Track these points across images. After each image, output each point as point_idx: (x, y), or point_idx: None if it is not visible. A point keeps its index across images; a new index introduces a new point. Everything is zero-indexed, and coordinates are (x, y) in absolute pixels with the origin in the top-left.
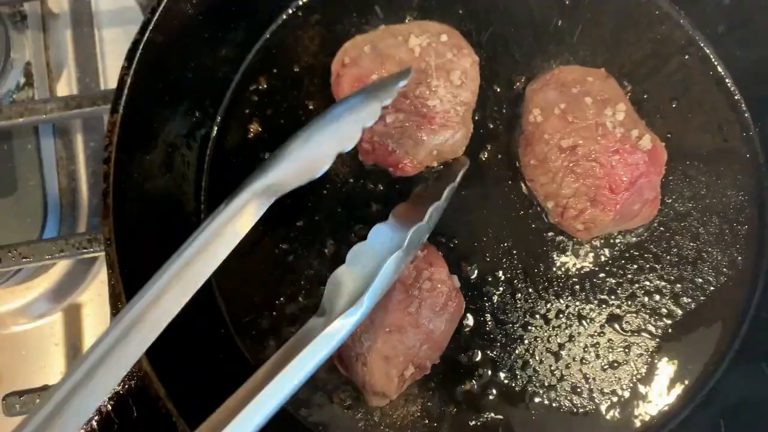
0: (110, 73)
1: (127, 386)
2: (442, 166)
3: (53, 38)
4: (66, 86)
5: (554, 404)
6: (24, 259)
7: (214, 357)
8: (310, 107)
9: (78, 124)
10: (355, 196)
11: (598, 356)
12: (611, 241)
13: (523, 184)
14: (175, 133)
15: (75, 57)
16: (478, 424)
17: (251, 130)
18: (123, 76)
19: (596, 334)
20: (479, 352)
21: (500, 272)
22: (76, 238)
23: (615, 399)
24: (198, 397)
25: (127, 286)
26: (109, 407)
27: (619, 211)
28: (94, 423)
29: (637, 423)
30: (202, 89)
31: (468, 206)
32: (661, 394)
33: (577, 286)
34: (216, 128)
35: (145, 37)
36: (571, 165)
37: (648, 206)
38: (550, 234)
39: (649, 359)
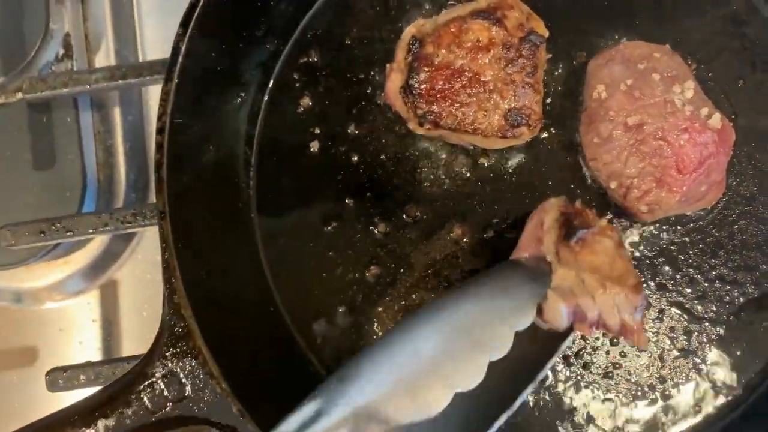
0: (148, 45)
1: (180, 364)
2: None
3: (91, 10)
4: (104, 58)
5: (609, 394)
6: (68, 233)
7: (263, 335)
8: (361, 77)
9: (116, 97)
10: (406, 174)
11: (657, 343)
12: (672, 224)
13: (582, 164)
14: (226, 104)
15: (113, 29)
16: (531, 410)
17: (301, 104)
18: (178, 42)
19: (656, 320)
20: None
21: None
22: (121, 212)
23: (674, 388)
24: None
25: (181, 260)
26: (162, 385)
27: (686, 193)
28: (144, 397)
29: (698, 412)
30: (253, 60)
31: (524, 186)
32: (723, 383)
33: (637, 271)
34: (266, 101)
35: (202, 1)
36: (637, 143)
37: (714, 189)
38: (609, 216)
39: (711, 347)
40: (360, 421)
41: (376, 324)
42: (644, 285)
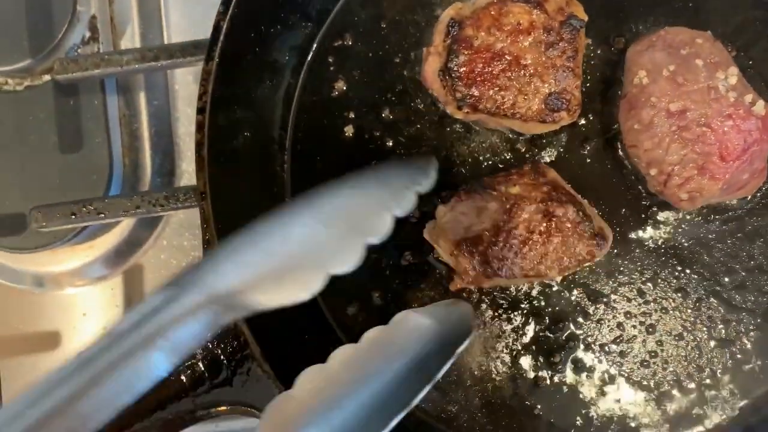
0: (174, 29)
1: (221, 346)
2: None
3: None
4: (129, 41)
5: (645, 381)
6: (99, 215)
7: (298, 318)
8: (396, 61)
9: (141, 81)
10: (441, 159)
11: (694, 333)
12: (710, 213)
13: (620, 150)
14: (261, 86)
15: (139, 12)
16: (567, 396)
17: (336, 88)
18: (219, 21)
19: (693, 309)
20: (570, 325)
21: None
22: (152, 194)
23: (712, 378)
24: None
25: (221, 241)
26: (202, 366)
27: (728, 181)
28: (184, 378)
29: (735, 403)
30: (288, 43)
31: (561, 171)
32: (762, 373)
33: (674, 260)
34: (300, 84)
35: None
36: (679, 130)
37: (756, 177)
38: (646, 203)
39: (749, 337)
40: (218, 308)
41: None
42: (682, 274)
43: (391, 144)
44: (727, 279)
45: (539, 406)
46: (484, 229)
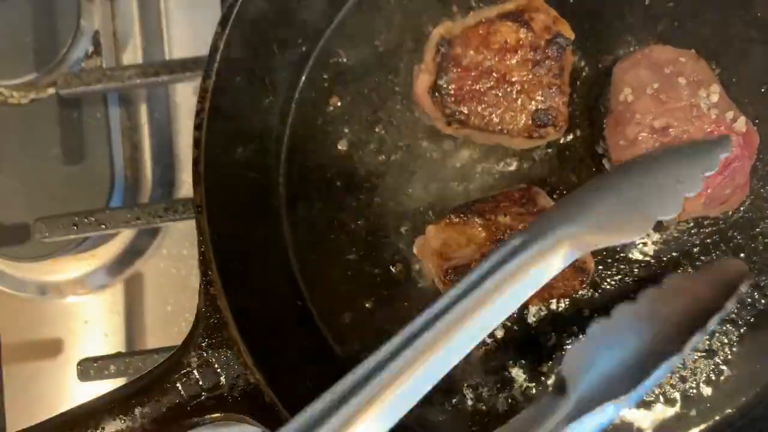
0: (175, 43)
1: (216, 355)
2: None
3: (120, 7)
4: (132, 56)
5: None
6: (101, 226)
7: (292, 328)
8: (390, 77)
9: (143, 95)
10: (432, 173)
11: None
12: (694, 227)
13: (606, 165)
14: (257, 102)
15: (141, 27)
16: None
17: (330, 103)
18: (216, 41)
19: None
20: (554, 336)
21: None
22: (152, 206)
23: (695, 388)
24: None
25: (216, 253)
26: (197, 374)
27: (710, 196)
28: (181, 388)
29: (718, 413)
30: (284, 60)
31: (549, 186)
32: (742, 386)
33: (659, 271)
34: (295, 100)
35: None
36: (663, 146)
37: (738, 192)
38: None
39: (733, 349)
40: (570, 246)
41: (404, 317)
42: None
43: (383, 158)
44: None
45: None
46: (472, 260)
